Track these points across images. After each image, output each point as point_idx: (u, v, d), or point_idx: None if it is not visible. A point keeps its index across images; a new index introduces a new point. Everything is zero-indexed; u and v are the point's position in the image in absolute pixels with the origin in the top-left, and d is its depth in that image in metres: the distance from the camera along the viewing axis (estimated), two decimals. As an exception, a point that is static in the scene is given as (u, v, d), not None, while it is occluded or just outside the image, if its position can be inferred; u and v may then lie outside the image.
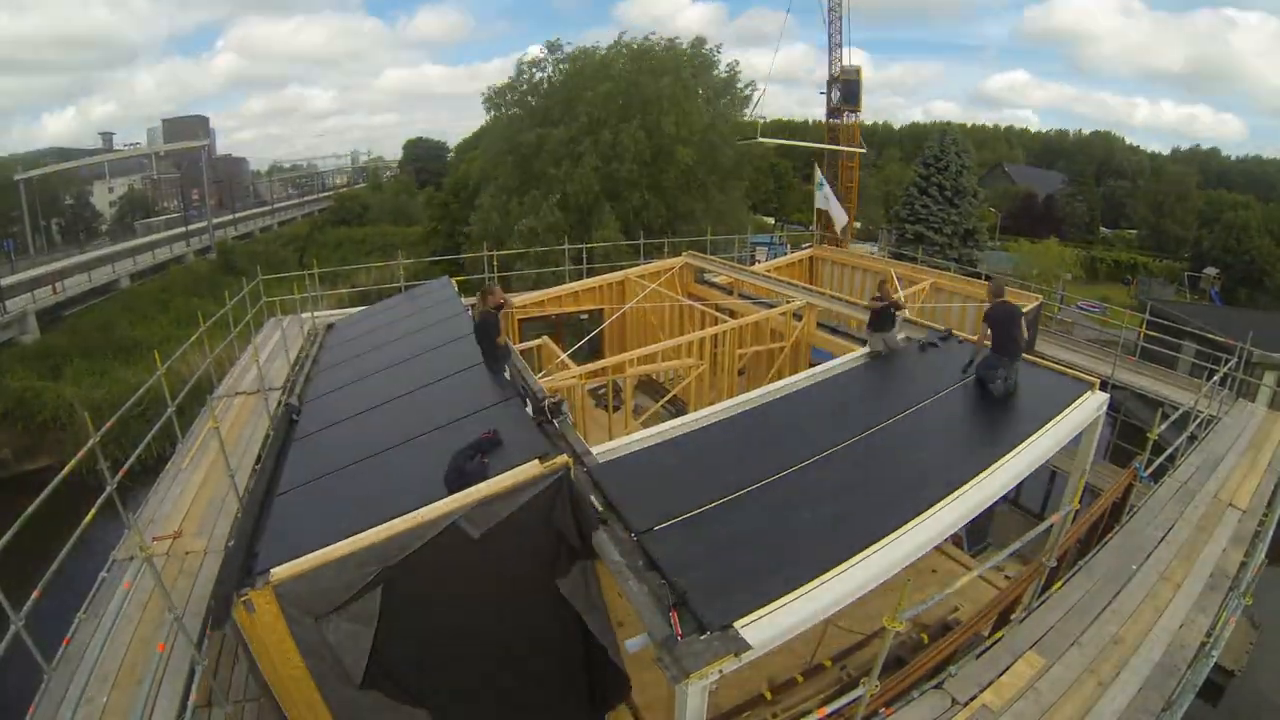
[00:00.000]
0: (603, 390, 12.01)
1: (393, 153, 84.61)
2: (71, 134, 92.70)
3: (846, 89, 31.77)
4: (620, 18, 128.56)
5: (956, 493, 5.52)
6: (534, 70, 26.99)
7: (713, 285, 15.12)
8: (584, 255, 19.05)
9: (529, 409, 6.34)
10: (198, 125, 67.72)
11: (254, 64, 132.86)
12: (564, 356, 12.33)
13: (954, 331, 9.33)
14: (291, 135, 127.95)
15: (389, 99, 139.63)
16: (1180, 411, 9.79)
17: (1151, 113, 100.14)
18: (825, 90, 32.74)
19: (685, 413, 8.32)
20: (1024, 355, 7.85)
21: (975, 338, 8.29)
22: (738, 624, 4.15)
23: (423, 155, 72.69)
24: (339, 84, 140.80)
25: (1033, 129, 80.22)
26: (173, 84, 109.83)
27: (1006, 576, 7.72)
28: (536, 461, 4.87)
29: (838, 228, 25.41)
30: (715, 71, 28.17)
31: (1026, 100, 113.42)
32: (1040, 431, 6.55)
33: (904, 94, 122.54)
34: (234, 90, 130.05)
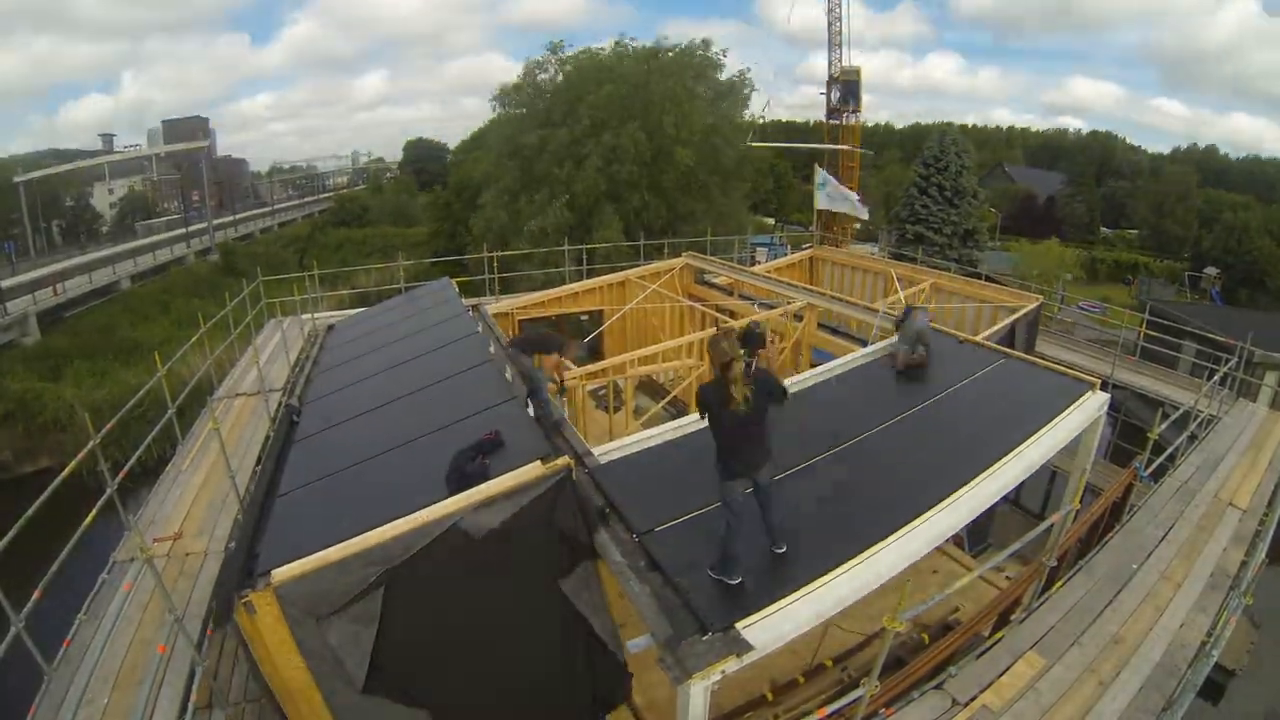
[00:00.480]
0: (603, 391, 12.01)
1: (393, 154, 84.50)
2: (106, 117, 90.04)
3: (846, 89, 31.85)
4: (762, 10, 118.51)
5: (958, 493, 5.52)
6: (538, 71, 27.03)
7: (713, 286, 15.13)
8: (584, 256, 19.06)
9: (530, 410, 6.33)
10: (198, 126, 67.74)
11: (326, 37, 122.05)
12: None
13: (952, 332, 9.34)
14: (329, 127, 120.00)
15: (447, 89, 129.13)
16: (1181, 411, 9.80)
17: (1228, 126, 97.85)
18: (825, 90, 32.82)
19: (686, 413, 8.31)
20: (1024, 356, 7.86)
21: (977, 338, 8.29)
22: (740, 625, 4.15)
23: (422, 156, 72.77)
24: (403, 69, 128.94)
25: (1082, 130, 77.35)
26: (227, 60, 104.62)
27: (1007, 577, 7.72)
28: (538, 462, 4.86)
29: (863, 216, 25.26)
30: (718, 73, 28.19)
31: (1117, 114, 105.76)
32: (1041, 432, 6.55)
33: (977, 101, 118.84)
34: (288, 71, 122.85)
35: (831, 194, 23.19)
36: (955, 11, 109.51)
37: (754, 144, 29.04)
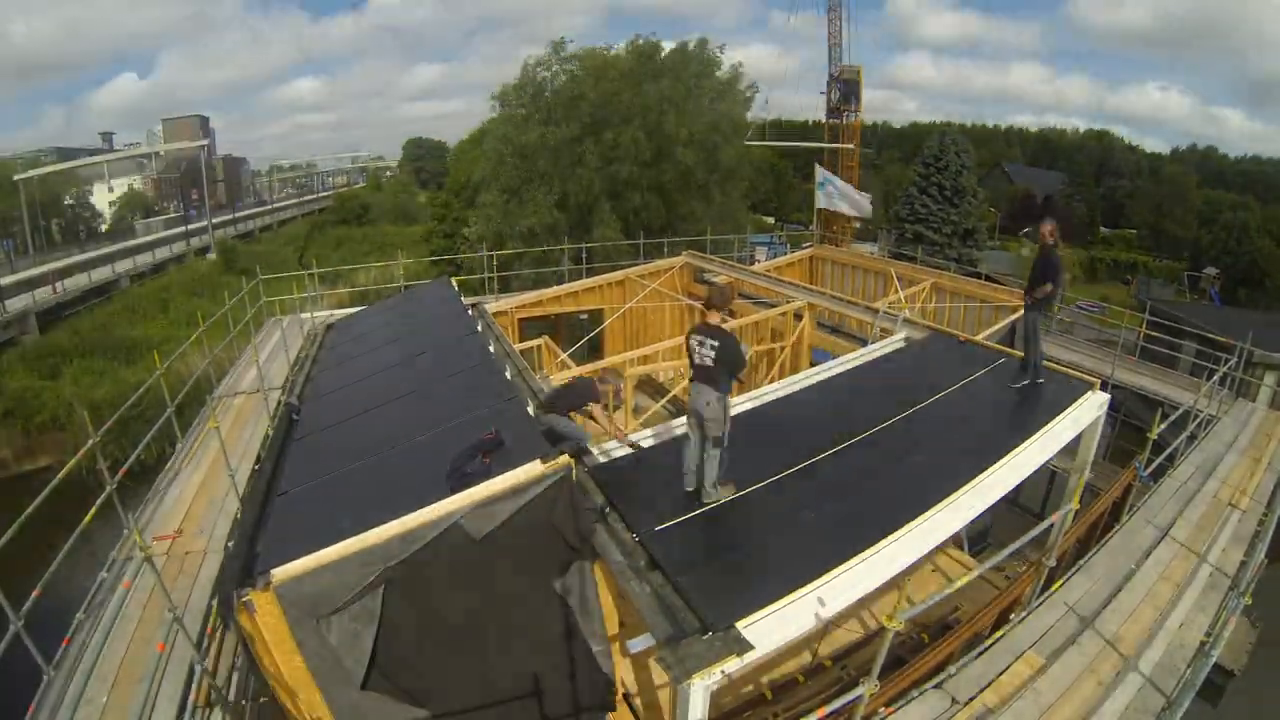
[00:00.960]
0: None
1: (393, 152, 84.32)
2: (134, 104, 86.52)
3: (846, 88, 31.83)
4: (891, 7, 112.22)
5: (957, 493, 5.53)
6: (539, 70, 26.97)
7: (713, 285, 15.12)
8: (583, 255, 19.05)
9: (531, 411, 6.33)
10: (197, 125, 67.65)
11: (407, 9, 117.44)
12: (564, 356, 12.35)
13: (952, 331, 9.34)
14: (363, 120, 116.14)
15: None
16: (1180, 411, 9.79)
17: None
18: (825, 90, 32.82)
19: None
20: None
21: (977, 338, 8.28)
22: (740, 624, 4.15)
23: (422, 155, 72.84)
24: (478, 54, 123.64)
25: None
26: (280, 37, 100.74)
27: (1006, 576, 7.72)
28: (538, 461, 4.86)
29: (864, 215, 25.32)
30: (718, 72, 28.14)
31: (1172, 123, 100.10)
32: (1041, 432, 6.56)
33: (1034, 106, 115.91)
34: (349, 50, 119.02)
35: (833, 193, 23.22)
36: (1094, 29, 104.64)
37: (751, 144, 28.98)
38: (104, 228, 53.12)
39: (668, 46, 27.22)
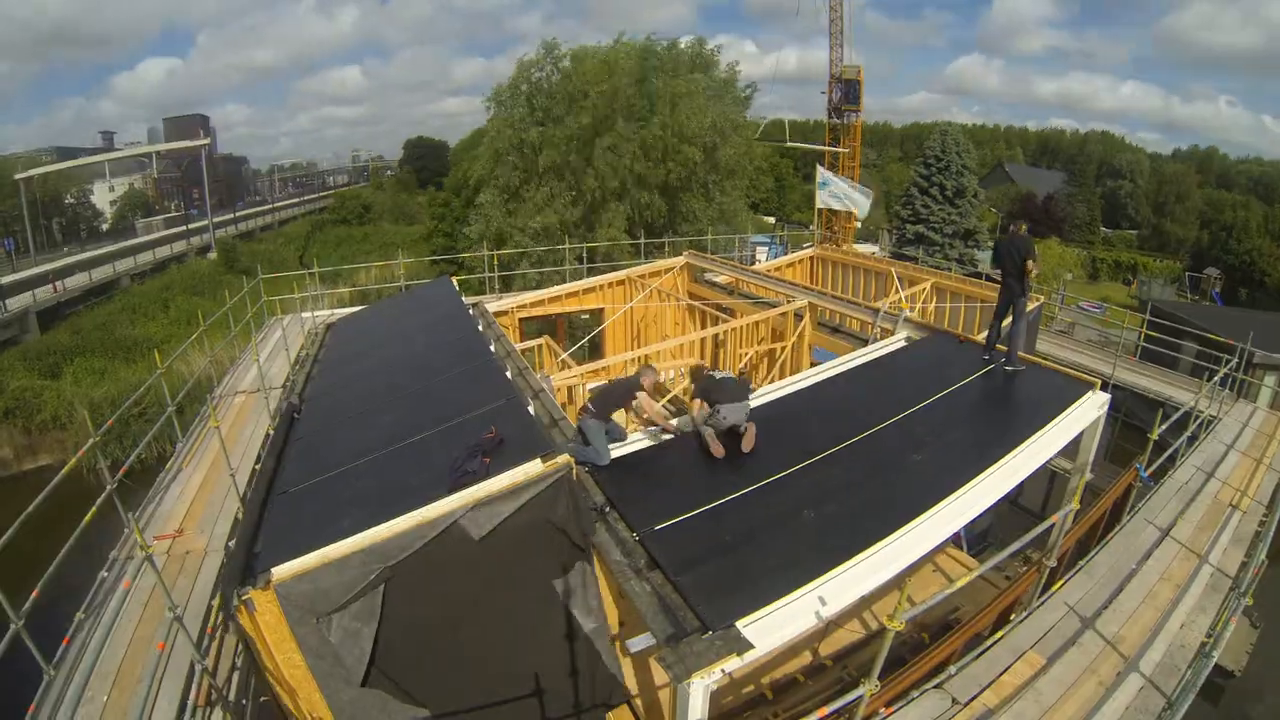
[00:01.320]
0: (603, 390, 12.01)
1: (393, 152, 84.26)
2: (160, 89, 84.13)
3: (847, 88, 31.77)
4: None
5: (958, 493, 5.51)
6: (534, 70, 26.94)
7: (713, 285, 15.11)
8: (585, 255, 19.06)
9: (531, 409, 6.33)
10: (198, 124, 67.67)
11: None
12: (565, 356, 12.36)
13: (953, 331, 9.33)
14: (392, 116, 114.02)
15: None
16: (1181, 412, 9.78)
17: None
18: (826, 90, 32.76)
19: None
20: (1025, 356, 7.85)
21: (978, 338, 8.26)
22: (740, 623, 4.15)
23: (423, 154, 72.88)
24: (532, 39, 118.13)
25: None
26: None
27: (1007, 577, 7.72)
28: (538, 461, 4.86)
29: (860, 215, 25.26)
30: (716, 71, 28.15)
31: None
32: (1041, 432, 6.54)
33: (1085, 114, 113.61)
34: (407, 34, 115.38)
35: (835, 192, 23.18)
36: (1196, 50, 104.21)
37: (758, 141, 29.01)
38: (105, 227, 53.16)
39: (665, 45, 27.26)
